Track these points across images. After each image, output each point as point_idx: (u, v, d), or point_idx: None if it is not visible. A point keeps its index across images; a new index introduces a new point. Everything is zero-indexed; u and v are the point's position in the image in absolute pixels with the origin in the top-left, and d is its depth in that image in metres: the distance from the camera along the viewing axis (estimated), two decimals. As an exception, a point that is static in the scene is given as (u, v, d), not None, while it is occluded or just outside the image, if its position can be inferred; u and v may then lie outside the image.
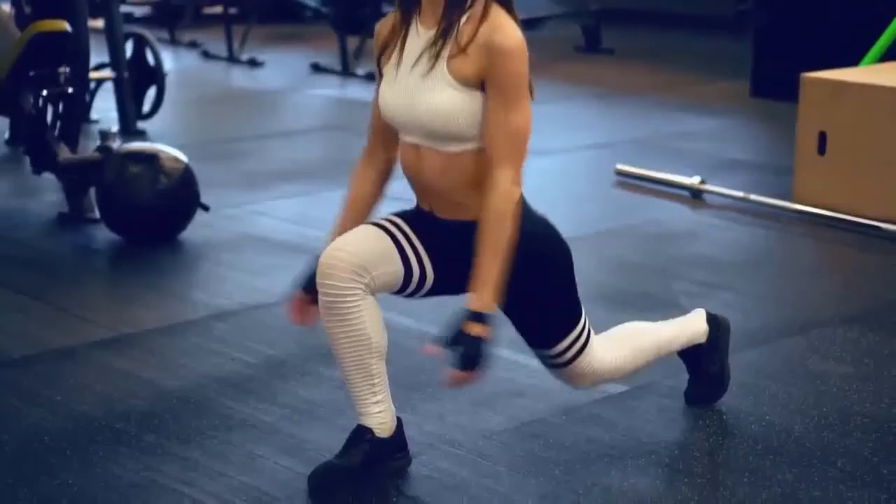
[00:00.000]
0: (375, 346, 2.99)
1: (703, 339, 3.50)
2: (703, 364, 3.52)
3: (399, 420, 3.12)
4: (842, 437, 3.38)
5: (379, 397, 3.04)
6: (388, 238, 2.99)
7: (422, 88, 2.89)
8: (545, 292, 3.10)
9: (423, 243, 3.03)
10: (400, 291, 3.05)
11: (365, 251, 2.93)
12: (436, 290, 3.09)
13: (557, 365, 3.22)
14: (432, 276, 3.04)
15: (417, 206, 3.10)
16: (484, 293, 2.86)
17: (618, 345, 3.32)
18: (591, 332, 3.23)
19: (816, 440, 3.36)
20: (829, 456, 3.27)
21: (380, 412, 3.05)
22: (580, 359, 3.19)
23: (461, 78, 2.87)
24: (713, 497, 3.04)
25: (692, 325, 3.49)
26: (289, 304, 3.17)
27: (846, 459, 3.25)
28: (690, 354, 3.52)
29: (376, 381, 3.02)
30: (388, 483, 3.10)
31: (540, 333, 3.17)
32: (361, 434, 3.06)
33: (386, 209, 3.14)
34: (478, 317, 2.85)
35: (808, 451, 3.29)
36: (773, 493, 3.07)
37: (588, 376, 3.26)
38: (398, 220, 3.05)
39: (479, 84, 2.87)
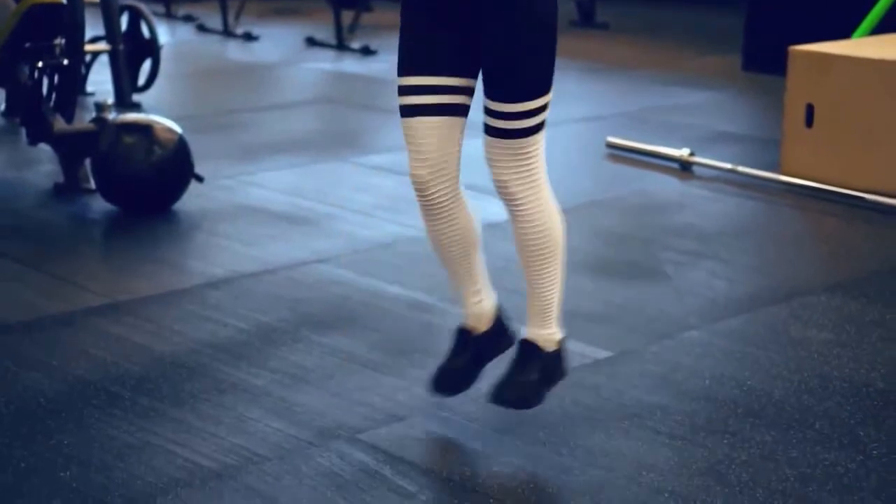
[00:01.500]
0: (475, 237, 3.24)
1: (549, 347, 3.23)
2: (532, 367, 3.23)
3: (497, 309, 3.36)
4: (821, 401, 3.46)
5: (478, 286, 3.29)
6: (442, 120, 3.08)
7: None
8: (531, 34, 3.03)
9: (450, 64, 3.07)
10: None
11: (444, 155, 3.10)
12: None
13: (514, 132, 3.06)
14: (473, 80, 3.12)
15: None
16: None
17: (556, 207, 3.23)
18: (544, 132, 3.18)
19: (796, 404, 3.43)
20: (808, 419, 3.34)
21: (478, 301, 3.30)
22: (536, 136, 3.11)
23: None
24: (693, 457, 3.12)
25: (558, 316, 3.25)
26: None
27: (824, 422, 3.32)
28: (528, 349, 3.26)
29: (476, 270, 3.27)
30: (377, 443, 3.17)
31: (513, 80, 3.05)
32: (463, 336, 3.34)
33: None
34: None
35: (787, 414, 3.37)
36: (751, 453, 3.14)
37: (527, 175, 3.12)
38: (428, 81, 3.07)
39: None
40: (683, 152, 5.90)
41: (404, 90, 3.10)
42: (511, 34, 3.03)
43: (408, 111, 3.11)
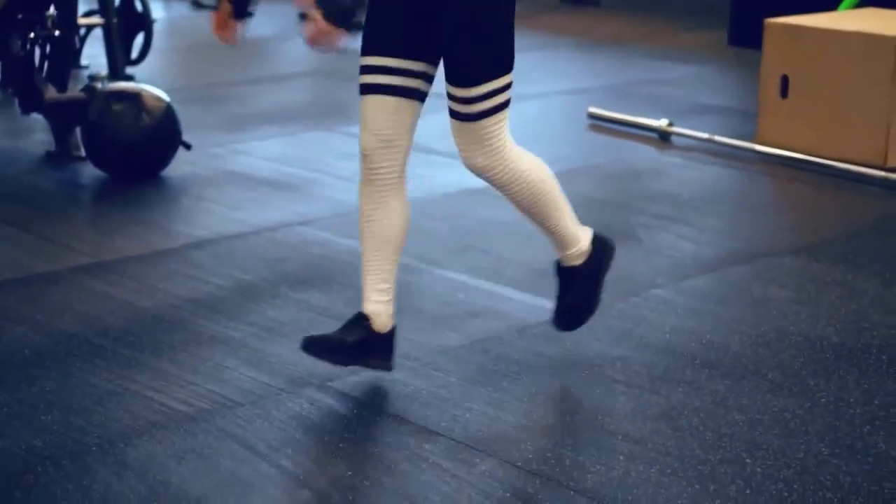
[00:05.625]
0: (398, 238, 3.31)
1: (579, 261, 3.50)
2: (574, 286, 3.54)
3: (394, 327, 3.35)
4: (776, 353, 3.59)
5: (384, 286, 3.31)
6: (396, 101, 3.22)
7: None
8: (483, 21, 3.14)
9: (408, 47, 3.21)
10: None
11: (393, 133, 3.24)
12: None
13: (467, 116, 3.20)
14: (433, 67, 3.25)
15: None
16: None
17: (529, 159, 3.39)
18: (508, 109, 3.29)
19: (751, 356, 3.57)
20: (762, 370, 3.48)
21: (380, 301, 3.30)
22: (491, 119, 3.21)
23: None
24: (648, 404, 3.26)
25: (576, 231, 3.51)
26: (214, 18, 3.40)
27: (777, 372, 3.46)
28: (564, 273, 3.55)
29: (388, 270, 3.31)
30: (346, 390, 3.31)
31: (467, 64, 3.17)
32: (360, 319, 3.31)
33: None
34: None
35: (741, 365, 3.50)
36: (704, 401, 3.28)
37: (490, 150, 3.25)
38: (385, 62, 3.22)
39: None
40: (662, 122, 6.03)
41: (364, 69, 3.27)
42: (464, 20, 3.15)
43: (364, 89, 3.27)
